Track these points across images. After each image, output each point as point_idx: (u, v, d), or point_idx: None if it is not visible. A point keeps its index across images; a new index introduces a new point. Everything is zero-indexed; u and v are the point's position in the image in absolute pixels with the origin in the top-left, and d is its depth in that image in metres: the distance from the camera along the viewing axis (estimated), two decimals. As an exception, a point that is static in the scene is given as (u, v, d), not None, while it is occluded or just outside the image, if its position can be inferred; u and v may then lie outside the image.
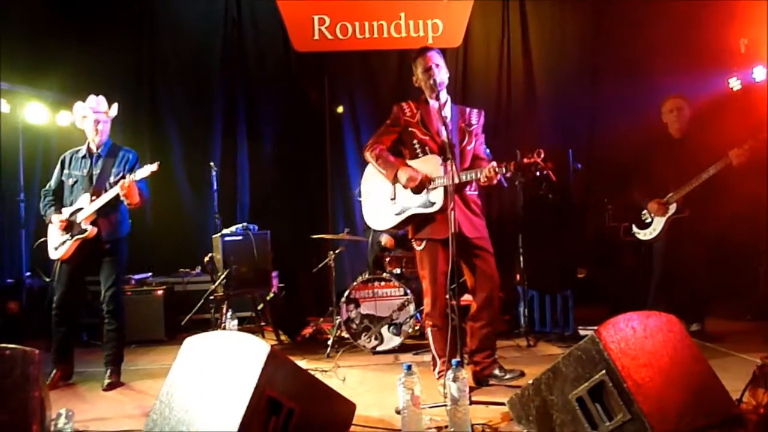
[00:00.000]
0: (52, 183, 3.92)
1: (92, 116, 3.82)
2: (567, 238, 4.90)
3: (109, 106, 3.92)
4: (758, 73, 5.22)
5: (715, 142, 4.10)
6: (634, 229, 4.41)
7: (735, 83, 5.37)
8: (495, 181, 3.10)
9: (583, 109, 6.26)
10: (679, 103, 4.28)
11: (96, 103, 3.87)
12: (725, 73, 5.42)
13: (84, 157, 3.86)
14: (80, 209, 3.74)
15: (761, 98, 5.05)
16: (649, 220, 4.32)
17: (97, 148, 3.86)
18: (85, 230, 3.68)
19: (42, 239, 3.93)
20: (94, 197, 3.71)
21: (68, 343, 3.87)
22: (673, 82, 5.27)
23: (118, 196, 3.65)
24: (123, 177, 3.64)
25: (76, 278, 3.83)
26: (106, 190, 3.72)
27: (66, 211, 3.78)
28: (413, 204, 3.30)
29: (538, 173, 2.98)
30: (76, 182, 3.82)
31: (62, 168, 3.90)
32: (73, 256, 3.74)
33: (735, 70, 5.38)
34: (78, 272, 3.82)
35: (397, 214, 3.36)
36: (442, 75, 3.31)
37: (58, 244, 3.76)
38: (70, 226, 3.73)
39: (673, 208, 4.19)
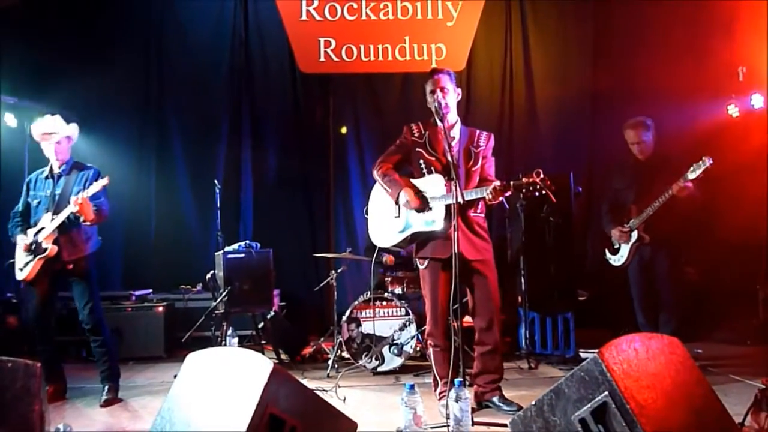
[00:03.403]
0: (20, 205, 3.93)
1: (49, 137, 3.80)
2: (568, 261, 4.91)
3: (68, 124, 3.90)
4: (756, 101, 5.29)
5: (678, 164, 3.98)
6: (607, 254, 4.40)
7: (733, 110, 5.43)
8: (497, 201, 3.13)
9: (583, 133, 6.33)
10: (638, 136, 4.20)
11: (53, 123, 3.84)
12: (724, 99, 5.48)
13: (47, 177, 3.86)
14: (42, 229, 3.72)
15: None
16: (617, 245, 4.32)
17: (59, 167, 3.85)
18: (46, 249, 3.66)
19: (11, 260, 3.89)
20: (54, 216, 3.69)
21: (54, 361, 3.85)
22: (671, 108, 5.34)
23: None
24: None
25: (47, 297, 3.78)
26: None
27: (30, 232, 3.77)
28: (415, 222, 3.33)
29: (537, 193, 3.01)
30: (39, 203, 3.82)
31: (28, 190, 3.90)
32: (38, 276, 3.71)
33: (733, 97, 5.44)
34: (47, 291, 3.77)
35: (400, 232, 3.39)
36: (448, 98, 3.32)
37: (23, 265, 3.74)
38: (33, 247, 3.71)
39: (634, 235, 4.17)
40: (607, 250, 4.41)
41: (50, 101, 5.60)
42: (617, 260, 4.31)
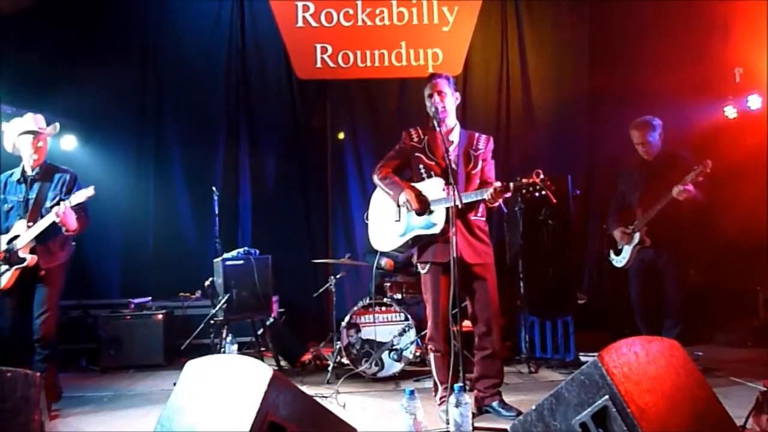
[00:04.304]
0: None
1: (30, 135, 3.67)
2: (567, 264, 4.90)
3: (48, 125, 3.79)
4: (753, 102, 5.29)
5: (685, 166, 3.95)
6: (611, 255, 4.37)
7: (731, 111, 5.44)
8: (498, 203, 3.13)
9: (581, 136, 6.34)
10: (643, 137, 4.15)
11: (35, 121, 3.72)
12: (721, 100, 5.49)
13: (19, 181, 3.72)
14: (17, 236, 3.59)
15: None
16: (620, 247, 4.29)
17: (32, 170, 3.70)
18: (24, 259, 3.54)
19: None
20: (30, 224, 3.56)
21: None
22: (668, 109, 5.34)
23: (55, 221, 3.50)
24: (60, 201, 3.50)
25: (25, 306, 3.65)
26: (42, 216, 3.57)
27: (3, 239, 3.61)
28: (416, 225, 3.32)
29: (537, 194, 3.00)
30: (12, 208, 3.67)
31: None
32: (15, 285, 3.59)
33: (730, 99, 5.44)
34: (26, 300, 3.65)
35: (401, 235, 3.39)
36: (446, 102, 3.33)
37: None
38: (8, 255, 3.57)
39: (636, 237, 4.14)
40: (611, 251, 4.39)
41: (48, 110, 5.59)
42: (620, 261, 4.30)
